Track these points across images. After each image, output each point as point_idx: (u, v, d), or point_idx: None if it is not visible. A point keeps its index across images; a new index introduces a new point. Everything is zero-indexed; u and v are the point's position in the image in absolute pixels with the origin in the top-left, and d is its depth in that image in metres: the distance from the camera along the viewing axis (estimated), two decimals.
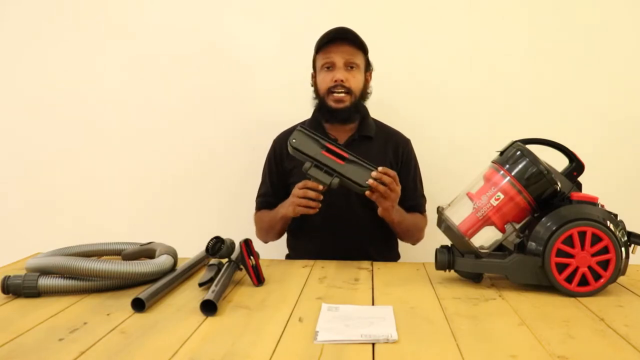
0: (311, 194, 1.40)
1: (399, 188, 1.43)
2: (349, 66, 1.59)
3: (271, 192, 1.68)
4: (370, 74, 1.68)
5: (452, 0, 1.98)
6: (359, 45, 1.60)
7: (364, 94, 1.65)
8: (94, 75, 2.08)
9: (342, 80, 1.57)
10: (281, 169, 1.67)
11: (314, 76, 1.68)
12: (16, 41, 2.08)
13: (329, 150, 1.37)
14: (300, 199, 1.42)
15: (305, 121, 1.72)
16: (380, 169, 1.37)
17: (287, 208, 1.49)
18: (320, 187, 1.38)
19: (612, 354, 0.86)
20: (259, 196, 1.73)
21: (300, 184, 1.42)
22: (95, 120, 2.09)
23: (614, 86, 1.97)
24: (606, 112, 1.97)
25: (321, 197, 1.41)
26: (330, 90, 1.59)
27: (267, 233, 1.68)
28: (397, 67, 1.97)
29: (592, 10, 1.96)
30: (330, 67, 1.59)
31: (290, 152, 1.39)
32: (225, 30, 2.04)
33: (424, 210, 1.71)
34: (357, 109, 1.63)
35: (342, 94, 1.58)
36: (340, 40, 1.58)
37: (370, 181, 1.36)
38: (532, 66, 1.98)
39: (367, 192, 1.39)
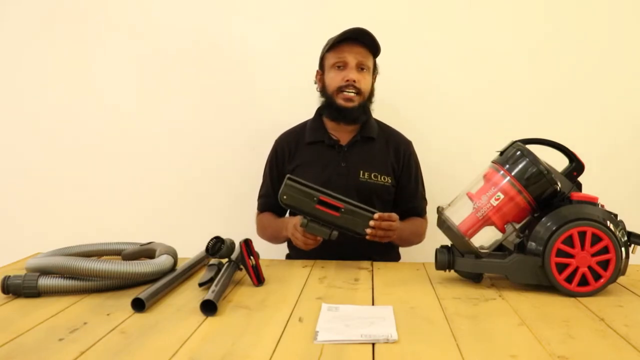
0: (310, 242, 1.41)
1: (396, 225, 1.40)
2: (361, 67, 1.59)
3: (272, 193, 1.67)
4: (375, 77, 1.68)
5: (453, 1, 1.98)
6: (372, 47, 1.60)
7: (371, 96, 1.65)
8: (94, 76, 2.07)
9: (354, 81, 1.57)
10: (282, 169, 1.67)
11: (319, 74, 1.67)
12: (17, 41, 2.08)
13: (322, 203, 1.31)
14: (300, 241, 1.42)
15: (307, 121, 1.72)
16: (376, 216, 1.34)
17: (290, 234, 1.48)
18: (319, 238, 1.39)
19: (612, 354, 0.86)
20: (260, 197, 1.72)
21: (300, 231, 1.40)
22: (95, 121, 2.08)
23: (614, 86, 1.97)
24: (606, 112, 1.97)
25: (321, 240, 1.40)
26: (340, 89, 1.59)
27: (270, 240, 1.70)
28: (397, 68, 1.97)
29: (592, 11, 1.95)
30: (342, 66, 1.58)
31: (283, 206, 1.35)
32: (226, 31, 2.03)
33: (425, 213, 1.71)
34: (364, 110, 1.62)
35: (353, 94, 1.58)
36: (353, 41, 1.58)
37: (369, 230, 1.34)
38: (533, 66, 1.98)
39: (367, 237, 1.37)
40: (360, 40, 1.58)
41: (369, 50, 1.60)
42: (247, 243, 1.24)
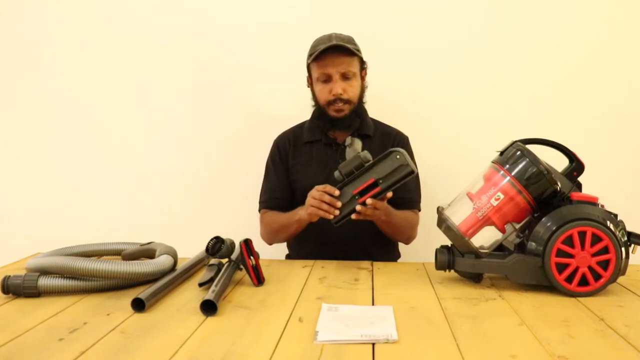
0: (327, 198, 1.36)
1: (381, 203, 1.38)
2: (346, 77, 1.57)
3: (278, 190, 1.67)
4: (366, 70, 1.65)
5: (453, 0, 1.98)
6: (354, 52, 1.56)
7: (362, 96, 1.64)
8: (93, 75, 2.07)
9: (340, 94, 1.56)
10: (286, 164, 1.68)
11: (309, 80, 1.66)
12: (15, 41, 2.08)
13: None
14: (316, 200, 1.37)
15: (304, 122, 1.72)
16: (358, 208, 1.33)
17: (304, 211, 1.46)
18: (337, 192, 1.34)
19: (612, 354, 0.86)
20: (264, 196, 1.71)
21: (320, 187, 1.38)
22: (95, 121, 2.09)
23: (614, 86, 1.97)
24: (606, 112, 1.97)
25: (338, 204, 1.35)
26: (329, 103, 1.59)
27: (278, 234, 1.66)
28: (396, 67, 1.97)
29: (592, 11, 1.95)
30: (327, 79, 1.57)
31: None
32: (224, 31, 2.04)
33: (416, 206, 1.69)
34: (357, 114, 1.62)
35: (342, 104, 1.58)
36: (333, 50, 1.54)
37: (358, 208, 1.33)
38: (533, 66, 1.97)
39: (353, 216, 1.35)
40: (339, 49, 1.54)
41: (351, 56, 1.56)
42: (247, 243, 1.24)
